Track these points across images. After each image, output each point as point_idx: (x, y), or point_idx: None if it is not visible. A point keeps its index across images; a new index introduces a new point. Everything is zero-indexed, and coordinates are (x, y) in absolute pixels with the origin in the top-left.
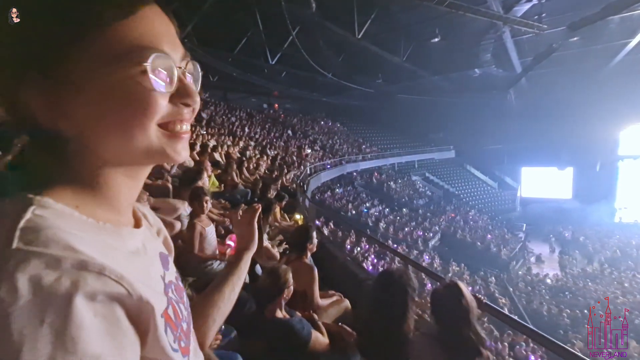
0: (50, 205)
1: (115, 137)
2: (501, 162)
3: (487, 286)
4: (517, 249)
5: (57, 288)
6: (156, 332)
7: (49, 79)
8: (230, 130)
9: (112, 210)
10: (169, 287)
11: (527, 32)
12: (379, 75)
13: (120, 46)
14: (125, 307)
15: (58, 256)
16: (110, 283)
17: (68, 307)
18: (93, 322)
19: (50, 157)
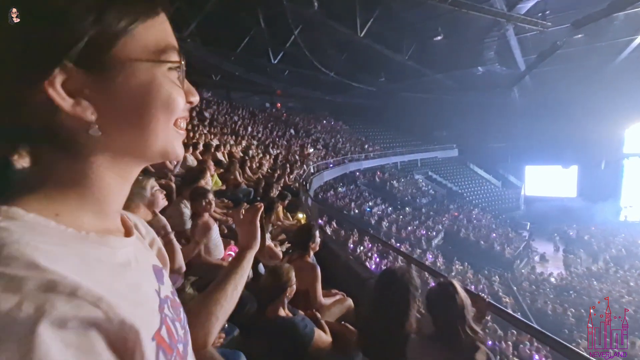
0: (19, 216)
1: (136, 133)
2: (505, 160)
3: (490, 285)
4: (521, 247)
5: (18, 315)
6: (143, 358)
7: (85, 69)
8: (233, 130)
9: (100, 215)
10: (165, 302)
11: (530, 30)
12: (382, 73)
13: (155, 42)
14: (104, 334)
15: (19, 276)
16: (84, 306)
17: (30, 339)
18: (63, 354)
19: (34, 159)
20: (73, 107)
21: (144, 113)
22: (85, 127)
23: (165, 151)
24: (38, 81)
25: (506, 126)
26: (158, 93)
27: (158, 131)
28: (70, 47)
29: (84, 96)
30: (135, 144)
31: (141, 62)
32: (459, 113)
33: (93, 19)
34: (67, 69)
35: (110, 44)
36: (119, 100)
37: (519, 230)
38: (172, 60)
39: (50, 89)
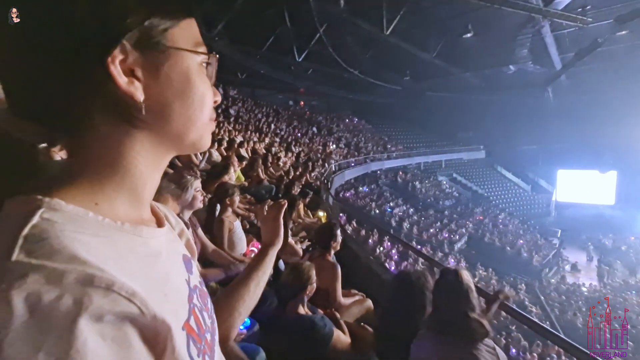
0: (61, 207)
1: (175, 118)
2: (535, 163)
3: (516, 293)
4: (551, 256)
5: (58, 308)
6: (174, 352)
7: (139, 50)
8: (257, 127)
9: (134, 205)
10: (194, 292)
11: (568, 26)
12: (407, 72)
13: (192, 38)
14: (137, 327)
15: (61, 270)
16: (119, 301)
17: (70, 331)
18: (100, 347)
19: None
20: (127, 84)
21: (185, 99)
22: (135, 106)
23: (197, 140)
24: (101, 56)
25: (538, 128)
26: (196, 81)
27: (197, 120)
28: (131, 28)
29: (135, 77)
30: (172, 131)
31: (185, 52)
32: (487, 113)
33: (152, 6)
34: (125, 49)
35: (163, 30)
36: (163, 84)
37: (548, 238)
38: (207, 53)
39: (111, 65)
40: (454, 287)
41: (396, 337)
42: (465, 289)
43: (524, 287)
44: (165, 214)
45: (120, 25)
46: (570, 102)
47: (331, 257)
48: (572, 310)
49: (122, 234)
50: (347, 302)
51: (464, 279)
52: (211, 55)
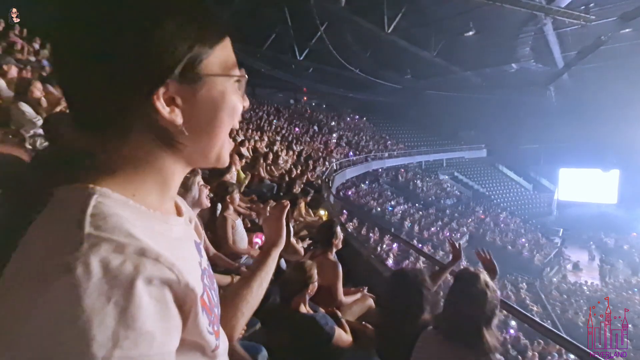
0: (109, 194)
1: (208, 139)
2: (537, 162)
3: (517, 292)
4: (552, 255)
5: (122, 271)
6: (196, 317)
7: (178, 83)
8: (258, 125)
9: (162, 198)
10: (205, 273)
11: (571, 24)
12: (408, 70)
13: (227, 60)
14: (173, 293)
15: (123, 242)
16: (164, 270)
17: (130, 289)
18: (149, 303)
19: (118, 149)
20: (169, 113)
21: (216, 119)
22: (176, 130)
23: (220, 157)
24: (149, 94)
25: (540, 126)
26: (229, 100)
27: (221, 136)
28: (175, 67)
29: (175, 104)
30: (202, 146)
31: (217, 77)
32: (489, 112)
33: (188, 46)
34: (167, 83)
35: (198, 63)
36: (199, 108)
37: (550, 237)
38: (238, 75)
39: (157, 101)
40: (470, 292)
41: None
42: (482, 295)
43: (525, 286)
44: (180, 205)
45: (165, 65)
46: (572, 100)
47: (332, 255)
48: (573, 309)
49: (155, 220)
50: (349, 301)
51: (481, 283)
52: (241, 75)
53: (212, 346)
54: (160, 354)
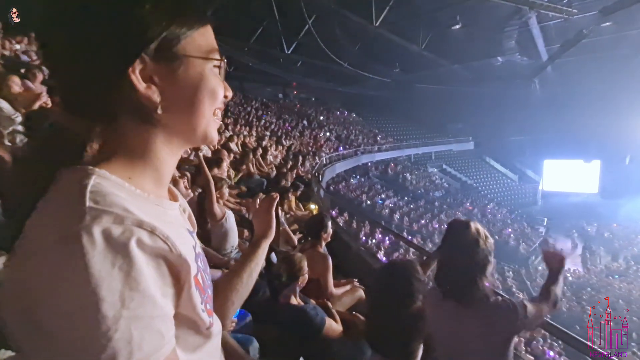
0: (107, 176)
1: (190, 117)
2: (522, 154)
3: (504, 280)
4: (537, 243)
5: (123, 239)
6: (190, 289)
7: (155, 61)
8: (247, 120)
9: (157, 183)
10: (198, 257)
11: (555, 18)
12: (396, 64)
13: (206, 45)
14: (168, 263)
15: (122, 215)
16: (158, 241)
17: (131, 255)
18: (148, 269)
19: (105, 136)
20: (145, 89)
21: (195, 98)
22: (153, 106)
23: (206, 134)
24: (124, 68)
25: (525, 119)
26: (206, 83)
27: (204, 115)
28: (149, 44)
29: (153, 82)
30: (185, 125)
31: (195, 59)
32: (476, 105)
33: (165, 24)
34: (144, 60)
35: (175, 43)
36: (177, 87)
37: (535, 226)
38: (217, 59)
39: (132, 75)
40: (461, 241)
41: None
42: (474, 244)
43: (511, 275)
44: (175, 193)
45: (138, 41)
46: (556, 93)
47: (322, 248)
48: None
49: (149, 202)
50: (339, 292)
51: (472, 231)
52: (219, 60)
53: (206, 323)
54: (162, 315)
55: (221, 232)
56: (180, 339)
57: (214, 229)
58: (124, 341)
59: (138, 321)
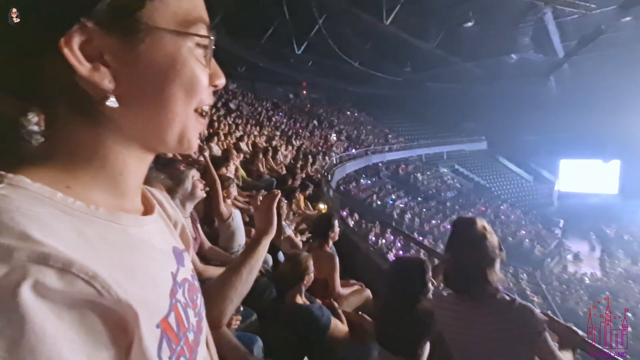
0: (24, 184)
1: (154, 110)
2: (537, 153)
3: (518, 282)
4: (553, 245)
5: (7, 286)
6: (141, 345)
7: (106, 30)
8: (257, 120)
9: (114, 193)
10: (181, 286)
11: (572, 13)
12: (408, 62)
13: (186, 13)
14: (100, 313)
15: (10, 246)
16: (77, 283)
17: (21, 309)
18: (59, 329)
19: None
20: (90, 72)
21: (165, 89)
22: (102, 95)
23: (181, 139)
24: (54, 38)
25: (540, 117)
26: (182, 69)
27: (177, 112)
28: (93, 3)
29: (103, 62)
30: (152, 124)
31: (168, 32)
32: (489, 104)
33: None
34: (87, 29)
35: (138, 6)
36: (139, 71)
37: (551, 228)
38: (200, 35)
39: (65, 49)
40: (468, 237)
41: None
42: (482, 239)
43: (525, 277)
44: (161, 202)
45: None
46: (573, 90)
47: (329, 247)
48: (573, 299)
49: (94, 218)
50: (346, 292)
51: (478, 227)
52: (203, 36)
53: None
54: None
55: (228, 232)
56: None
57: (221, 229)
58: None
59: None
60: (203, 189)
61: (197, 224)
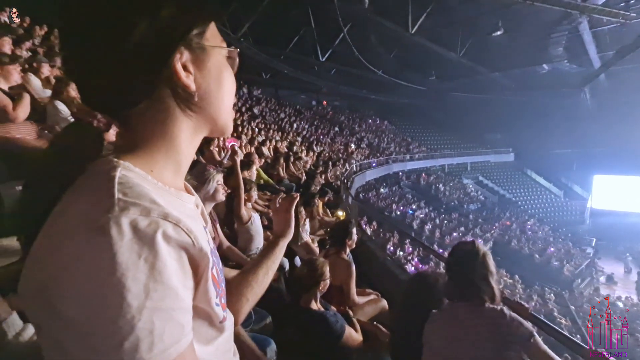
0: (132, 168)
1: (216, 108)
2: (569, 168)
3: (544, 303)
4: (584, 265)
5: (149, 231)
6: (207, 283)
7: (190, 50)
8: (279, 126)
9: (175, 175)
10: (213, 251)
11: (609, 22)
12: (433, 72)
13: (218, 36)
14: (189, 256)
15: (148, 207)
16: (182, 233)
17: (156, 247)
18: (172, 261)
19: (130, 130)
20: (186, 78)
21: (221, 89)
22: (190, 95)
23: (225, 125)
24: (168, 58)
25: (572, 130)
26: (226, 73)
27: (228, 105)
28: (187, 34)
29: (188, 72)
30: (211, 115)
31: (217, 49)
32: (517, 115)
33: (193, 15)
34: (182, 50)
35: (201, 34)
36: (207, 76)
37: (582, 247)
38: (231, 49)
39: (176, 63)
40: (470, 254)
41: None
42: (482, 255)
43: (553, 298)
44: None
45: (175, 34)
46: (609, 103)
47: (346, 254)
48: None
49: (170, 195)
50: (362, 301)
51: (480, 247)
52: (233, 50)
53: (220, 317)
54: (183, 308)
55: (247, 235)
56: (195, 331)
57: (240, 231)
58: (146, 331)
59: (160, 312)
60: (224, 193)
61: (216, 224)
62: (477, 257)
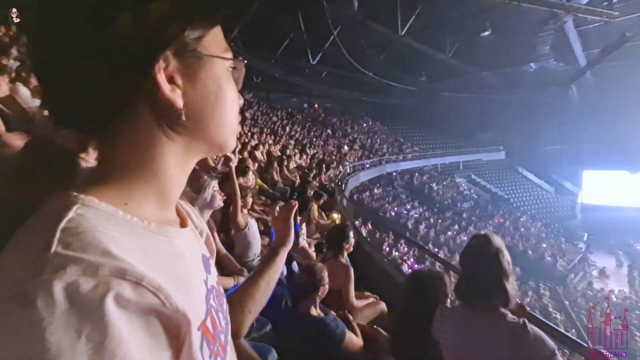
0: (94, 204)
1: (212, 126)
2: (559, 164)
3: (539, 299)
4: (577, 260)
5: (94, 297)
6: (190, 349)
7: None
8: (272, 130)
9: (160, 206)
10: (211, 292)
11: (594, 21)
12: (422, 72)
13: (221, 44)
14: (161, 320)
15: (96, 262)
16: (146, 294)
17: (105, 318)
18: (131, 334)
19: (102, 153)
20: (170, 92)
21: (219, 104)
22: (176, 114)
23: (225, 143)
24: (148, 66)
25: (561, 127)
26: (227, 87)
27: (230, 122)
28: (172, 38)
29: (176, 84)
30: (204, 134)
31: (217, 59)
32: (507, 113)
33: (188, 16)
34: (167, 57)
35: (198, 38)
36: (200, 90)
37: (574, 242)
38: (235, 59)
39: (157, 74)
40: (482, 251)
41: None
42: (495, 252)
43: (547, 293)
44: (188, 212)
45: (161, 36)
46: (596, 99)
47: (344, 258)
48: (600, 317)
49: (149, 233)
50: (360, 304)
51: (494, 242)
52: (238, 61)
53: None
54: None
55: (244, 241)
56: None
57: (237, 238)
58: None
59: None
60: (221, 199)
61: (214, 232)
62: (489, 255)
